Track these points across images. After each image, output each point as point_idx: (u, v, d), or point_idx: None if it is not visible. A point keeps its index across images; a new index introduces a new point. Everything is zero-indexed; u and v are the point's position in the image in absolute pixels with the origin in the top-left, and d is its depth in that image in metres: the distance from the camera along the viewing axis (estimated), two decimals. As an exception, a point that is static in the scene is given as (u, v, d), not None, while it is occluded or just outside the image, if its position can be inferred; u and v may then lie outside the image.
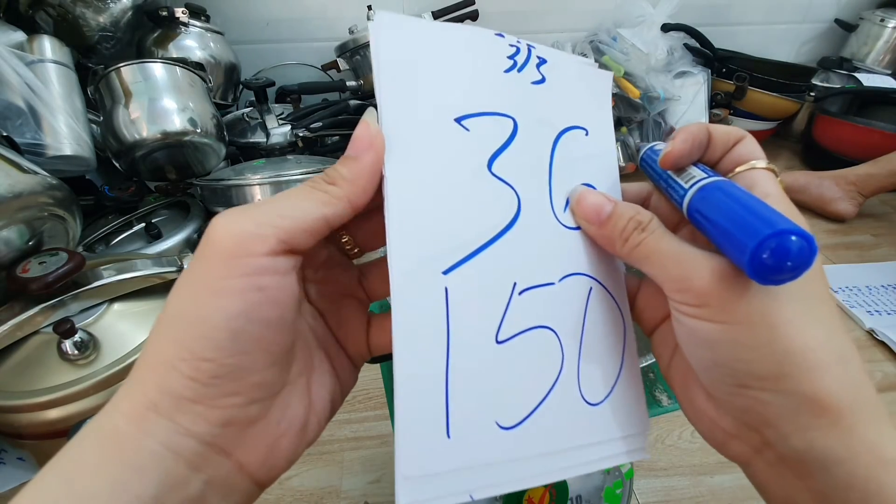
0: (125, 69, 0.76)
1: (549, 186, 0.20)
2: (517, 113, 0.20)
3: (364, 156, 0.18)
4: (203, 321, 0.16)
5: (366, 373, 0.71)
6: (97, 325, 0.52)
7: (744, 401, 0.18)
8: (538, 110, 0.20)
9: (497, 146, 0.19)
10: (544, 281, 0.19)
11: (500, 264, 0.18)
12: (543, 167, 0.20)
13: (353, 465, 0.55)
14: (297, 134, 0.92)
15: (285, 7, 1.11)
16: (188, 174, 0.83)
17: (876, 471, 0.16)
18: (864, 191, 0.93)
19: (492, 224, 0.19)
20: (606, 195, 0.21)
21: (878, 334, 0.69)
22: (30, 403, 0.46)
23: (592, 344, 0.20)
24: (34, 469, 0.55)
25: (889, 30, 1.19)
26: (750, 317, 0.16)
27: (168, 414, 0.16)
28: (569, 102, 0.22)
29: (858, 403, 0.16)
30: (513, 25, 1.19)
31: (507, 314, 0.18)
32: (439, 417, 0.17)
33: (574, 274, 0.20)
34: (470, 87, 0.19)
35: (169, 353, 0.16)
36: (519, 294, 0.19)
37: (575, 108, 0.22)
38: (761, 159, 0.19)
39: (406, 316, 0.17)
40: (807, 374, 0.16)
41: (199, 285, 0.16)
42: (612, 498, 0.40)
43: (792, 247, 0.15)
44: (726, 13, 1.24)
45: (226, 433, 0.17)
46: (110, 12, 0.86)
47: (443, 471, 0.17)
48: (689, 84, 1.08)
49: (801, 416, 0.17)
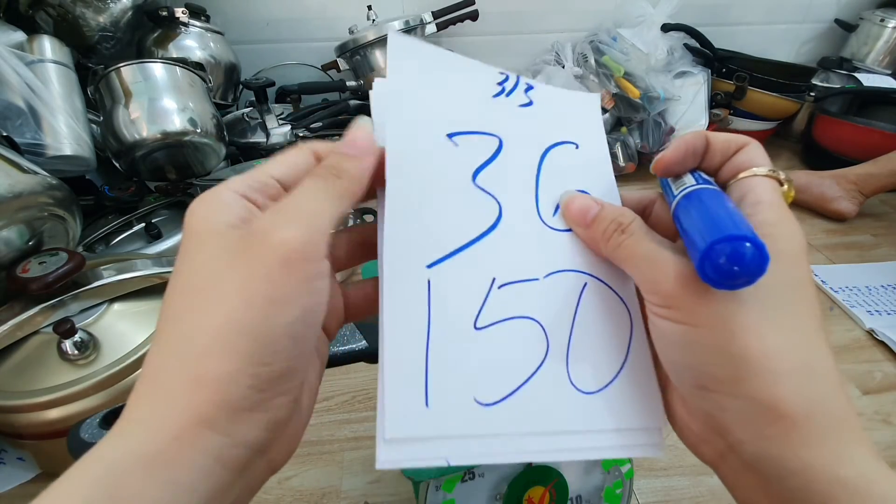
0: (125, 69, 0.76)
1: (535, 195, 0.22)
2: (503, 132, 0.22)
3: (367, 157, 0.19)
4: (265, 332, 0.15)
5: (365, 373, 0.72)
6: (97, 325, 0.52)
7: (706, 404, 0.18)
8: (524, 129, 0.23)
9: (482, 161, 0.22)
10: (526, 277, 0.21)
11: (478, 262, 0.21)
12: (530, 178, 0.22)
13: (353, 465, 0.55)
14: (297, 134, 0.92)
15: (285, 7, 1.11)
16: (188, 174, 0.83)
17: (833, 488, 0.15)
18: (865, 190, 0.93)
19: (472, 228, 0.21)
20: (594, 198, 0.22)
21: (878, 334, 0.69)
22: (30, 403, 0.46)
23: (586, 335, 0.21)
24: (34, 469, 0.55)
25: (889, 30, 1.19)
26: (711, 319, 0.17)
27: (223, 429, 0.15)
28: (556, 121, 0.23)
29: (818, 415, 0.16)
30: (513, 25, 1.19)
31: (486, 305, 0.20)
32: (419, 389, 0.19)
33: (563, 271, 0.21)
34: (461, 109, 0.22)
35: (229, 367, 0.15)
36: (498, 288, 0.21)
37: (563, 125, 0.24)
38: (763, 166, 0.19)
39: (394, 300, 0.19)
40: (762, 379, 0.16)
41: (252, 293, 0.15)
42: (612, 498, 0.40)
43: (740, 253, 0.15)
44: (726, 13, 1.24)
45: (270, 435, 0.16)
46: (110, 12, 0.86)
47: (421, 436, 0.18)
48: (689, 84, 1.08)
49: (756, 423, 0.16)
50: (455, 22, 1.09)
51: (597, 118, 0.24)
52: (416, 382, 0.19)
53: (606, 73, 1.07)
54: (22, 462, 0.55)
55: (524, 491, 0.37)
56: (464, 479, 0.36)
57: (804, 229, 0.18)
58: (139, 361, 0.50)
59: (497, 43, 1.21)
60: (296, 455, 0.60)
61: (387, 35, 0.21)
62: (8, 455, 0.56)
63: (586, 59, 1.10)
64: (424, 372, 0.19)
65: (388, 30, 0.99)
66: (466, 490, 0.36)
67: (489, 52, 1.21)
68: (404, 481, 0.53)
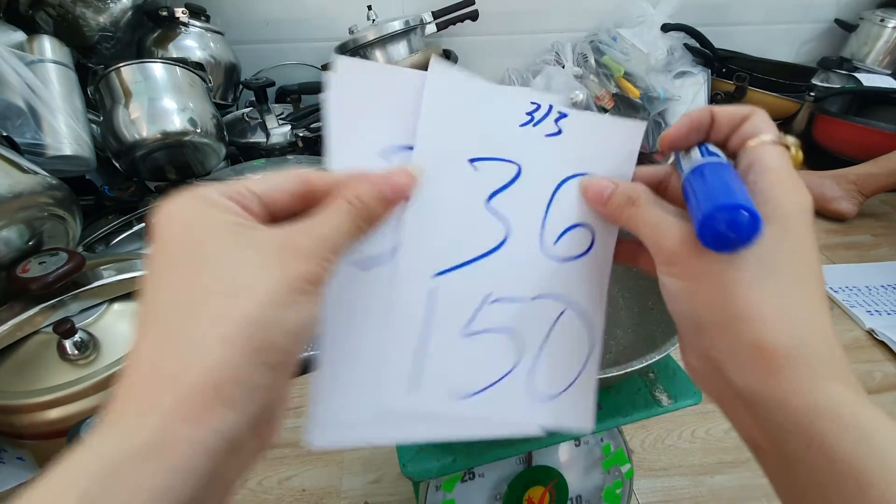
0: (125, 69, 0.76)
1: (542, 224, 0.24)
2: (523, 160, 0.23)
3: (397, 200, 0.21)
4: (278, 328, 0.16)
5: (366, 373, 0.71)
6: (97, 325, 0.52)
7: (703, 345, 0.20)
8: (545, 159, 0.24)
9: (498, 186, 0.23)
10: (516, 296, 0.24)
11: (477, 278, 0.23)
12: (540, 208, 0.24)
13: (353, 465, 0.55)
14: (297, 134, 0.92)
15: (285, 7, 1.11)
16: (188, 174, 0.83)
17: (813, 420, 0.17)
18: (865, 190, 0.93)
19: (479, 246, 0.23)
20: (609, 179, 0.23)
21: (878, 334, 0.69)
22: (30, 403, 0.46)
23: (550, 355, 0.24)
24: (34, 469, 0.55)
25: (889, 30, 1.19)
26: (707, 276, 0.19)
27: (221, 411, 0.15)
28: (583, 152, 0.24)
29: (800, 355, 0.18)
30: (513, 25, 1.19)
31: (476, 315, 0.23)
32: (403, 374, 0.22)
33: (547, 296, 0.24)
34: (487, 136, 0.23)
35: (233, 354, 0.15)
36: (490, 302, 0.23)
37: (590, 157, 0.24)
38: (768, 133, 0.20)
39: (400, 304, 0.22)
40: (746, 324, 0.18)
41: (268, 295, 0.16)
42: (612, 498, 0.40)
43: (735, 220, 0.17)
44: (726, 13, 1.24)
45: (265, 415, 0.17)
46: (110, 12, 0.86)
47: (399, 409, 0.22)
48: (689, 84, 1.08)
49: (742, 361, 0.19)
50: (455, 22, 1.09)
51: (634, 148, 0.25)
52: (398, 368, 0.22)
53: (606, 73, 1.07)
54: (22, 462, 0.55)
55: (524, 491, 0.37)
56: (464, 479, 0.36)
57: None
58: (139, 361, 0.51)
59: (497, 43, 1.21)
60: (296, 455, 0.61)
61: (387, 35, 0.21)
62: (8, 455, 0.56)
63: (586, 59, 1.10)
64: (420, 365, 0.22)
65: (388, 30, 0.99)
66: (466, 490, 0.36)
67: (489, 52, 1.21)
68: (404, 481, 0.53)
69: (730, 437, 0.58)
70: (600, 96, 1.04)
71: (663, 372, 0.36)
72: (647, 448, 0.57)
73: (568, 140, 0.24)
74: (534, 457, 0.37)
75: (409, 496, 0.52)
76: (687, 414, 0.60)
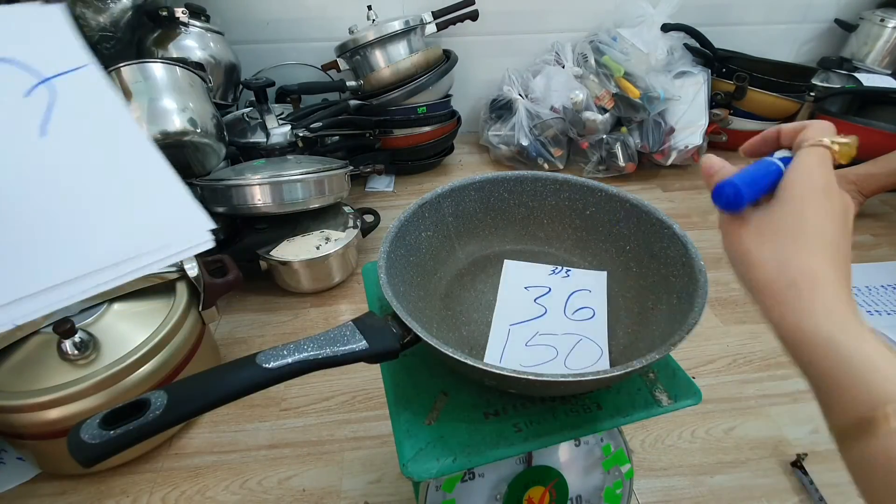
0: (125, 69, 0.76)
1: (563, 308, 0.41)
2: (551, 285, 0.42)
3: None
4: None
5: (366, 373, 0.72)
6: (97, 325, 0.52)
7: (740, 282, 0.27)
8: (562, 284, 0.42)
9: (540, 294, 0.42)
10: (553, 332, 0.39)
11: (532, 326, 0.39)
12: (562, 302, 0.41)
13: (353, 465, 0.55)
14: (297, 134, 0.92)
15: (285, 7, 1.11)
16: (188, 174, 0.83)
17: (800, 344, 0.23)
18: (865, 190, 0.93)
19: (532, 314, 0.40)
20: (714, 157, 0.29)
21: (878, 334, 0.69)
22: (30, 403, 0.46)
23: (574, 357, 0.37)
24: (34, 469, 0.55)
25: (889, 30, 1.19)
26: (730, 233, 0.27)
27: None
28: (580, 283, 0.43)
29: (793, 289, 0.23)
30: (513, 25, 1.19)
31: (532, 339, 0.38)
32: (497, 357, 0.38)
33: (570, 334, 0.39)
34: (532, 278, 0.43)
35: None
36: (539, 335, 0.39)
37: (583, 284, 0.42)
38: (813, 139, 0.27)
39: (494, 335, 0.39)
40: (748, 267, 0.26)
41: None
42: (612, 498, 0.40)
43: (725, 192, 0.26)
44: (726, 13, 1.24)
45: None
46: (110, 12, 0.86)
47: None
48: (689, 84, 1.08)
49: (755, 296, 0.25)
50: (455, 22, 1.09)
51: (602, 288, 0.42)
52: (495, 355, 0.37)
53: (606, 73, 1.07)
54: (22, 462, 0.55)
55: (524, 491, 0.37)
56: (464, 479, 0.36)
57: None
58: (139, 361, 0.50)
59: (497, 43, 1.21)
60: (295, 455, 0.61)
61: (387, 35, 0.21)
62: (8, 455, 0.56)
63: (586, 59, 1.10)
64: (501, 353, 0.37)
65: (387, 30, 0.99)
66: (466, 490, 0.36)
67: (489, 52, 1.21)
68: (404, 481, 0.53)
69: (730, 437, 0.58)
70: (600, 96, 1.04)
71: (663, 372, 0.36)
72: (647, 448, 0.57)
73: (572, 278, 0.43)
74: (534, 457, 0.37)
75: (409, 496, 0.52)
76: (687, 414, 0.60)
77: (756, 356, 0.68)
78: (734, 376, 0.65)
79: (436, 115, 1.08)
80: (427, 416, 0.33)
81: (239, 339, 0.72)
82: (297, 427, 0.59)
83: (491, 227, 0.45)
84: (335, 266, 0.78)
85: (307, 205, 0.76)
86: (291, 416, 0.61)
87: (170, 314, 0.55)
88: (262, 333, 0.73)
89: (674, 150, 1.06)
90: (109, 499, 0.53)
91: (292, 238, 0.77)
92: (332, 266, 0.78)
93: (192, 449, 0.57)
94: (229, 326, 0.74)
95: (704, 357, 0.68)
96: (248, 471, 0.55)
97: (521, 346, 0.38)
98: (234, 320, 0.75)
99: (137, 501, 0.52)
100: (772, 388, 0.64)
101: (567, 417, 0.33)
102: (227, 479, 0.54)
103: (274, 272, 0.77)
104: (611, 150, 1.06)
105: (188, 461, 0.56)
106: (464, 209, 0.43)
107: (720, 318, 0.74)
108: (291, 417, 0.60)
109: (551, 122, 1.07)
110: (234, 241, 0.75)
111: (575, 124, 1.07)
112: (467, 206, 0.43)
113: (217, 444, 0.58)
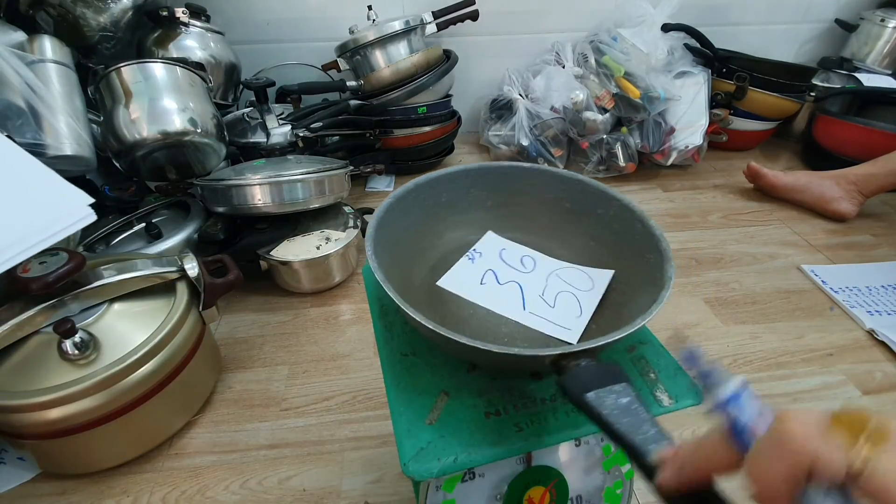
0: (125, 69, 0.76)
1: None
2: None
3: None
4: None
5: (366, 372, 0.71)
6: (97, 325, 0.52)
7: None
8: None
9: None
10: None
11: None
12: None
13: (353, 465, 0.55)
14: (297, 134, 0.92)
15: (285, 7, 1.11)
16: (188, 174, 0.83)
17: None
18: (865, 190, 0.93)
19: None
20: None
21: (878, 334, 0.69)
22: (30, 403, 0.46)
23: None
24: (34, 469, 0.55)
25: (889, 30, 1.19)
26: None
27: None
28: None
29: None
30: (513, 25, 1.19)
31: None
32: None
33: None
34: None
35: None
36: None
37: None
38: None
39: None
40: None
41: None
42: (612, 498, 0.40)
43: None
44: (726, 13, 1.24)
45: None
46: (110, 12, 0.86)
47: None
48: (690, 84, 1.08)
49: None
50: (455, 22, 1.09)
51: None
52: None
53: (607, 73, 1.07)
54: (22, 462, 0.55)
55: (524, 491, 0.37)
56: (464, 479, 0.36)
57: (804, 230, 0.19)
58: (139, 361, 0.50)
59: (497, 43, 1.21)
60: (296, 455, 0.61)
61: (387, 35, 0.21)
62: (8, 455, 0.56)
63: (586, 59, 1.10)
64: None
65: (388, 30, 0.99)
66: (466, 490, 0.36)
67: (489, 52, 1.21)
68: (404, 481, 0.53)
69: (730, 437, 0.58)
70: (600, 96, 1.04)
71: (663, 372, 0.36)
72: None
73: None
74: (534, 457, 0.37)
75: (409, 496, 0.52)
76: (687, 414, 0.60)
77: (756, 356, 0.68)
78: (734, 376, 0.65)
79: (436, 115, 1.08)
80: (428, 416, 0.33)
81: (239, 339, 0.72)
82: (298, 427, 0.59)
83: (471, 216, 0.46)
84: (335, 266, 0.78)
85: (307, 205, 0.76)
86: (291, 416, 0.61)
87: (170, 314, 0.55)
88: (262, 333, 0.73)
89: (674, 150, 1.06)
90: (109, 499, 0.53)
91: (292, 238, 0.77)
92: (332, 266, 0.78)
93: (192, 449, 0.57)
94: (230, 326, 0.74)
95: (705, 357, 0.68)
96: (249, 471, 0.55)
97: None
98: (234, 320, 0.75)
99: (137, 501, 0.52)
100: (772, 388, 0.64)
101: (568, 417, 0.33)
102: (227, 479, 0.54)
103: (274, 272, 0.77)
104: (611, 150, 1.06)
105: (188, 461, 0.56)
106: (448, 198, 0.45)
107: (720, 318, 0.74)
108: (292, 417, 0.60)
109: (551, 123, 1.07)
110: (234, 241, 0.75)
111: (575, 124, 1.07)
112: (450, 196, 0.45)
113: (217, 443, 0.58)
